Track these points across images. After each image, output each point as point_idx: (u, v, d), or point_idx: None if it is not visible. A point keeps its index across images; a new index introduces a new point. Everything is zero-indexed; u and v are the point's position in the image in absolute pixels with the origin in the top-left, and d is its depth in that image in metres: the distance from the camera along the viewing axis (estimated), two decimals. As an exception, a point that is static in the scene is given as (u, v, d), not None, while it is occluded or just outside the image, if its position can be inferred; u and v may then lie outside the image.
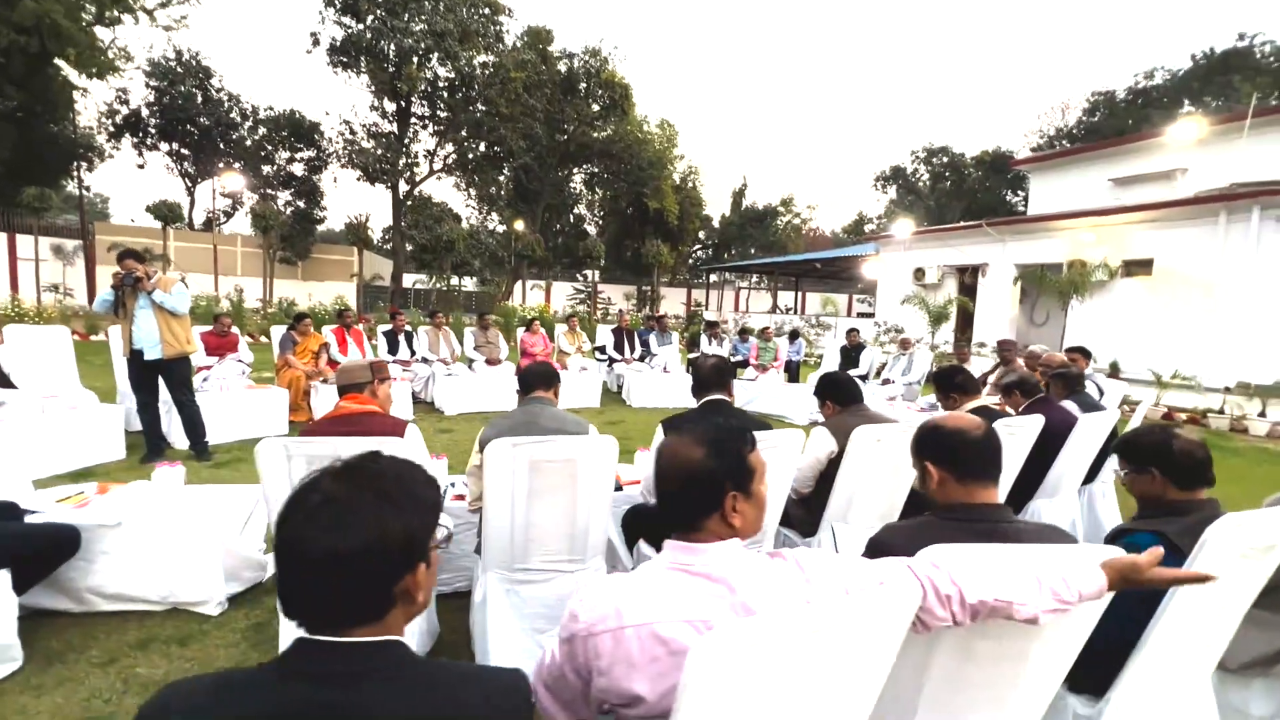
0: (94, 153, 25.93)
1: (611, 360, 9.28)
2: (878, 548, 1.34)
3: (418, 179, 26.00)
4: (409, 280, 27.37)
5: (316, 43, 23.32)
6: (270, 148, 27.37)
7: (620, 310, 24.29)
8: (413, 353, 7.88)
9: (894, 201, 38.92)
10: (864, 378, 8.28)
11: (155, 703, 0.75)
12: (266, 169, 27.79)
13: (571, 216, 35.26)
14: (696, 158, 76.85)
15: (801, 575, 1.01)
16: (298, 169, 28.04)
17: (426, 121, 25.57)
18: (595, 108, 27.11)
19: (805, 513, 2.72)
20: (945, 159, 36.61)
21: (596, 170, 30.99)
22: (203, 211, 29.53)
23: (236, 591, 2.77)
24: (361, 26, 22.22)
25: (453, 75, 23.56)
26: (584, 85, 26.74)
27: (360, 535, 0.76)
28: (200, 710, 0.74)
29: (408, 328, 8.11)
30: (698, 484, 1.07)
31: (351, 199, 58.94)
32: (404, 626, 0.84)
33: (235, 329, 6.80)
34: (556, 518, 2.11)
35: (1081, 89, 56.91)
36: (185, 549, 2.59)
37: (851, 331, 8.81)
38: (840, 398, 2.78)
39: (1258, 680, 1.98)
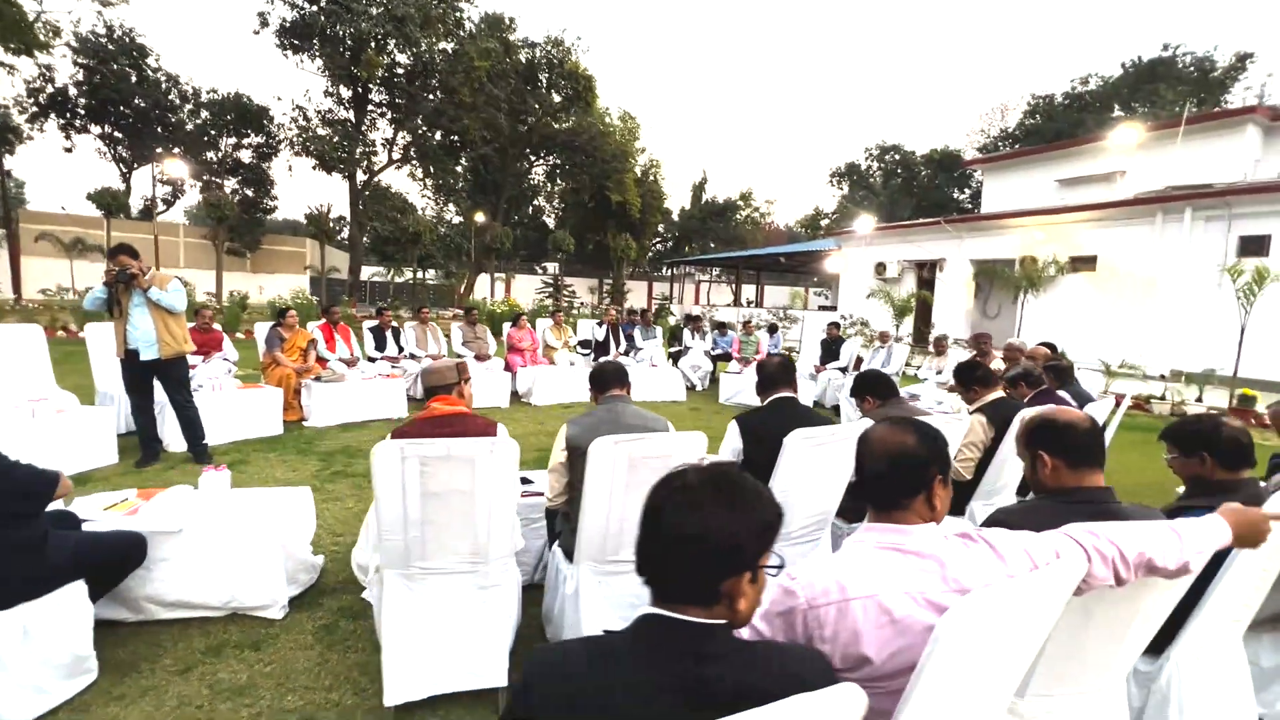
0: (12, 134, 24.04)
1: (598, 355, 9.32)
2: (1000, 524, 1.49)
3: (375, 168, 25.20)
4: (365, 273, 26.57)
5: (265, 23, 22.24)
6: (214, 133, 25.99)
7: (607, 306, 24.27)
8: (400, 349, 7.75)
9: (846, 197, 40.07)
10: (844, 370, 8.61)
11: (536, 666, 0.88)
12: (210, 155, 26.38)
13: (531, 208, 34.88)
14: (657, 151, 77.01)
15: (993, 554, 1.15)
16: (245, 156, 26.75)
17: (384, 109, 24.79)
18: (557, 99, 26.86)
19: (851, 501, 2.89)
20: (897, 156, 37.91)
21: (559, 162, 30.73)
22: (140, 199, 27.85)
23: (294, 594, 2.76)
24: (315, 8, 21.31)
25: (411, 62, 22.91)
26: (546, 76, 26.44)
27: (698, 525, 0.87)
28: (581, 672, 0.86)
29: (394, 324, 7.96)
30: (910, 466, 1.20)
31: (303, 188, 56.46)
32: (734, 623, 0.91)
33: (217, 325, 6.55)
34: (648, 511, 2.21)
35: (1021, 91, 59.88)
36: (248, 553, 2.56)
37: (832, 325, 9.13)
38: (880, 393, 2.97)
39: (1267, 635, 2.27)
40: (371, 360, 7.39)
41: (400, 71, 23.41)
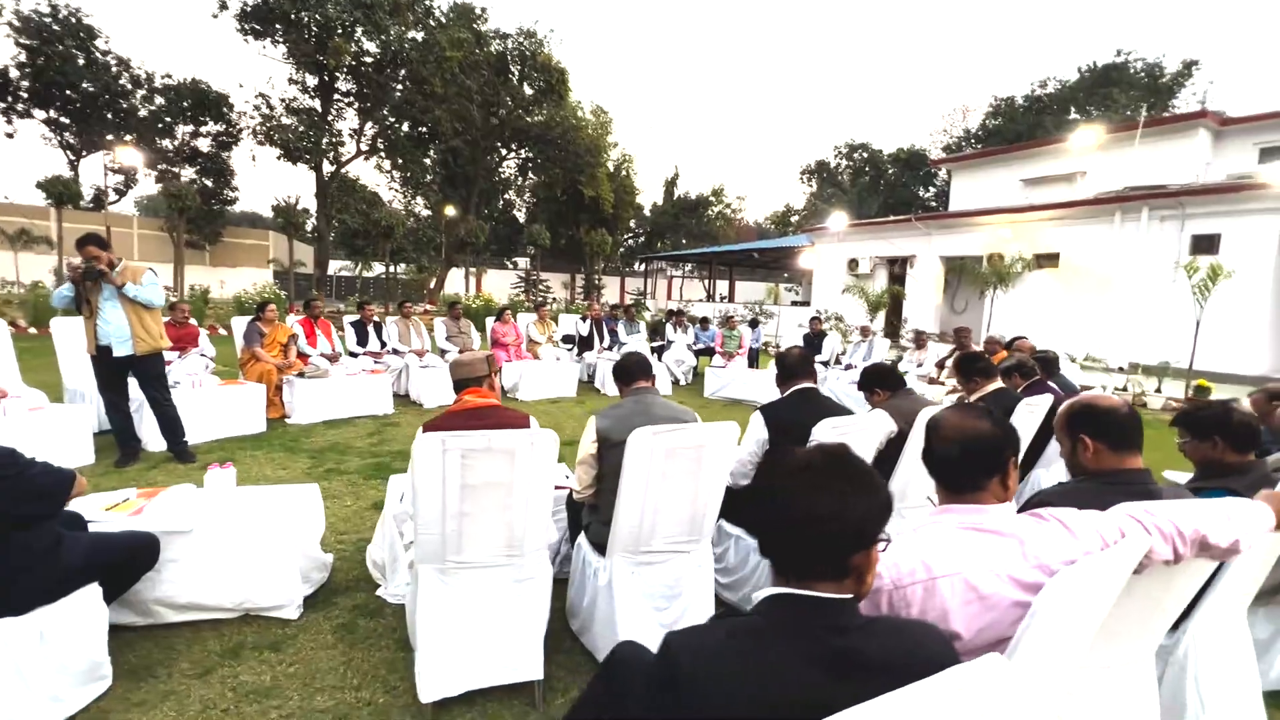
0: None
1: (581, 350, 9.28)
2: (1044, 505, 1.54)
3: (343, 159, 24.50)
4: (331, 267, 25.86)
5: (224, 6, 21.39)
6: (169, 120, 24.88)
7: (590, 301, 24.08)
8: (383, 344, 7.59)
9: (816, 194, 40.65)
10: (825, 363, 8.76)
11: (680, 649, 0.87)
12: (166, 143, 25.27)
13: (502, 202, 34.42)
14: (629, 146, 76.89)
15: (1066, 531, 1.20)
16: (204, 144, 25.70)
17: (352, 98, 24.11)
18: (529, 91, 26.52)
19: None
20: (865, 155, 38.59)
21: (531, 155, 30.37)
22: (89, 188, 26.51)
23: (307, 594, 2.69)
24: (278, -9, 20.56)
25: (380, 51, 22.33)
26: (518, 68, 26.08)
27: (832, 505, 0.89)
28: (727, 652, 0.87)
29: (376, 318, 7.79)
30: (987, 450, 1.24)
31: (266, 179, 54.54)
32: (859, 596, 0.94)
33: (193, 320, 6.31)
34: (681, 501, 2.22)
35: (982, 93, 61.74)
36: (261, 552, 2.48)
37: (814, 319, 9.28)
38: (889, 384, 3.05)
39: (1262, 607, 2.41)
40: (353, 355, 7.22)
41: (368, 60, 22.78)
